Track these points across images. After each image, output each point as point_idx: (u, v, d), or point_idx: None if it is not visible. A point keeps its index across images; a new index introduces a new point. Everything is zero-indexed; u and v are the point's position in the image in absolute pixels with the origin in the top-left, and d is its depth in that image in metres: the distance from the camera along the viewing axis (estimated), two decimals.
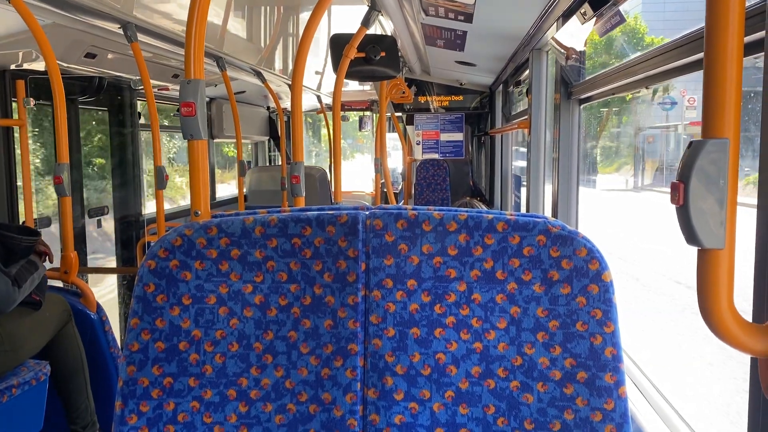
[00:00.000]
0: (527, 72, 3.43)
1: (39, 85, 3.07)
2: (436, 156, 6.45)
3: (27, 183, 2.93)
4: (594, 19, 2.13)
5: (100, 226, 3.92)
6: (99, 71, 3.23)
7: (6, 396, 1.97)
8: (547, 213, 3.03)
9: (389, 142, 7.65)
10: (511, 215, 0.85)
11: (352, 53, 2.29)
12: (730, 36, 0.68)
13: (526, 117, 3.41)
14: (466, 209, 0.87)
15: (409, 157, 6.50)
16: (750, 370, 1.01)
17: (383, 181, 4.57)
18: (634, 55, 1.90)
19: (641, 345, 5.70)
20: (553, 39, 2.70)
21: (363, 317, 0.87)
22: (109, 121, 3.97)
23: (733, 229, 0.71)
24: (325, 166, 6.16)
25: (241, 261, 0.88)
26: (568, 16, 2.38)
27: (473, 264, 0.85)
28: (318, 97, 6.14)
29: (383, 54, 2.56)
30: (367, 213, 0.87)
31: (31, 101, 2.85)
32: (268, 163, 7.13)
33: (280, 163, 6.58)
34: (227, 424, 0.88)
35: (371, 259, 0.86)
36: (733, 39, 0.68)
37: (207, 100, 4.81)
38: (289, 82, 4.64)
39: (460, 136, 6.40)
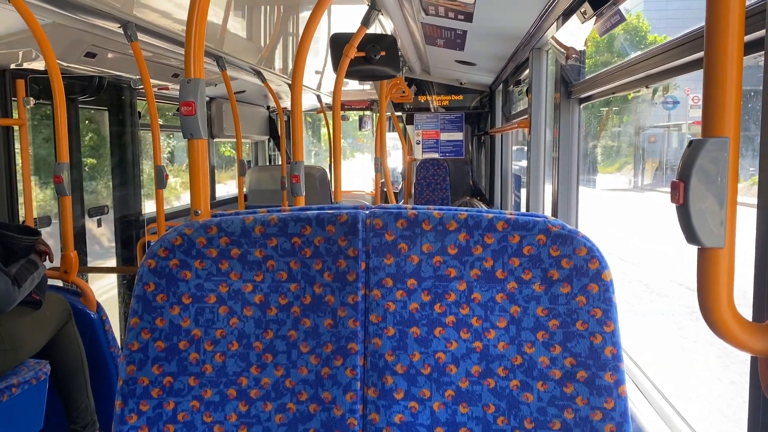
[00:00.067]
0: (527, 71, 3.43)
1: (39, 84, 3.07)
2: (436, 155, 6.44)
3: (27, 182, 2.93)
4: (594, 18, 2.13)
5: (100, 225, 3.92)
6: (99, 71, 3.23)
7: (6, 395, 1.97)
8: (547, 212, 3.03)
9: (389, 141, 7.65)
10: (511, 214, 0.85)
11: (352, 53, 2.29)
12: (730, 35, 0.68)
13: (526, 116, 3.41)
14: (466, 209, 0.87)
15: (409, 156, 6.49)
16: (750, 369, 1.01)
17: (383, 180, 4.57)
18: (634, 54, 1.90)
19: (645, 350, 5.51)
20: (553, 38, 2.69)
21: (363, 316, 0.87)
22: (109, 120, 3.96)
23: (733, 228, 0.71)
24: (324, 166, 6.16)
25: (241, 260, 0.88)
26: (568, 15, 2.38)
27: (473, 263, 0.85)
28: (318, 97, 6.14)
29: (383, 53, 2.56)
30: (367, 212, 0.87)
31: (31, 101, 2.85)
32: (268, 163, 7.13)
33: (280, 162, 6.57)
34: (227, 423, 0.88)
35: (371, 258, 0.86)
36: (733, 38, 0.68)
37: (207, 99, 4.80)
38: (289, 82, 4.64)
39: (460, 136, 6.40)
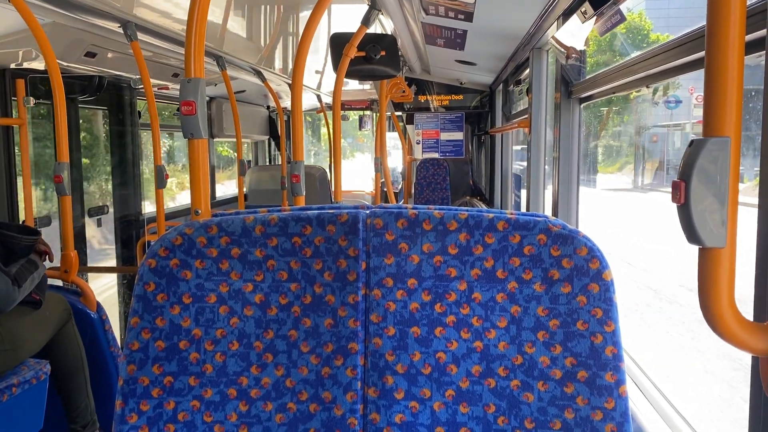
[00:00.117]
0: (527, 71, 3.43)
1: (39, 84, 3.06)
2: (436, 155, 6.44)
3: (27, 182, 2.93)
4: (594, 18, 2.12)
5: (100, 225, 3.92)
6: (99, 70, 3.23)
7: (6, 395, 1.97)
8: (548, 212, 3.03)
9: (389, 141, 7.64)
10: (512, 214, 0.85)
11: (352, 52, 2.28)
12: (731, 34, 0.67)
13: (527, 116, 3.41)
14: (466, 208, 0.87)
15: (409, 156, 6.49)
16: (751, 369, 1.01)
17: (383, 180, 4.56)
18: (634, 53, 1.90)
19: (661, 366, 5.18)
20: (554, 38, 2.69)
21: (363, 316, 0.87)
22: (109, 120, 3.96)
23: (734, 227, 0.70)
24: (324, 166, 6.16)
25: (241, 260, 0.88)
26: (568, 15, 2.38)
27: (474, 263, 0.85)
28: (318, 97, 6.14)
29: (383, 53, 2.55)
30: (367, 212, 0.87)
31: (31, 100, 2.84)
32: (268, 163, 7.13)
33: (280, 162, 6.57)
34: (227, 423, 0.88)
35: (371, 258, 0.86)
36: (734, 37, 0.68)
37: (207, 99, 4.80)
38: (289, 82, 4.64)
39: (460, 136, 6.39)
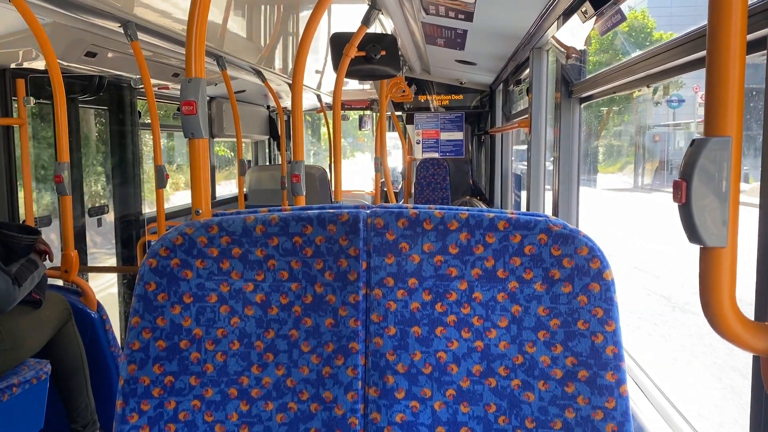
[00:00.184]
0: (527, 71, 3.43)
1: (39, 84, 3.06)
2: (436, 155, 6.44)
3: (27, 182, 2.93)
4: (595, 17, 2.12)
5: (100, 225, 3.92)
6: (99, 70, 3.23)
7: (7, 395, 1.97)
8: (548, 212, 3.02)
9: (389, 141, 7.64)
10: (512, 214, 0.85)
11: (353, 52, 2.28)
12: (732, 34, 0.67)
13: (527, 116, 3.41)
14: (466, 208, 0.87)
15: (409, 156, 6.49)
16: (752, 368, 1.01)
17: (383, 180, 4.56)
18: (635, 53, 1.90)
19: (674, 381, 4.70)
20: (554, 38, 2.69)
21: (364, 316, 0.87)
22: (109, 120, 3.96)
23: (735, 227, 0.70)
24: (324, 166, 6.16)
25: (242, 259, 0.88)
26: (568, 14, 2.38)
27: (474, 263, 0.85)
28: (318, 96, 6.14)
29: (383, 53, 2.55)
30: (368, 212, 0.87)
31: (32, 100, 2.84)
32: (268, 162, 7.13)
33: (280, 162, 6.57)
34: (228, 422, 0.88)
35: (372, 257, 0.86)
36: (736, 37, 0.67)
37: (207, 99, 4.80)
38: (289, 81, 4.64)
39: (460, 135, 6.39)
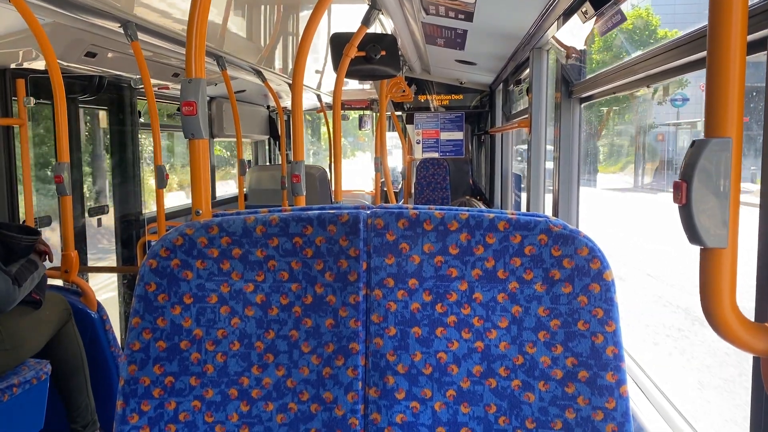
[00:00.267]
0: (527, 71, 3.43)
1: (39, 84, 3.06)
2: (436, 155, 6.44)
3: (27, 182, 2.93)
4: (595, 18, 2.12)
5: (100, 225, 3.92)
6: (99, 70, 3.23)
7: (7, 395, 1.97)
8: (548, 212, 3.03)
9: (390, 140, 7.63)
10: (513, 214, 0.85)
11: (353, 52, 2.28)
12: (732, 34, 0.67)
13: (527, 116, 3.41)
14: (467, 209, 0.87)
15: (408, 156, 6.49)
16: (752, 369, 1.01)
17: (383, 180, 4.56)
18: (636, 53, 1.90)
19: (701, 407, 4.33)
20: (554, 38, 2.69)
21: (364, 316, 0.87)
22: (109, 120, 3.96)
23: (735, 228, 0.70)
24: (324, 166, 6.16)
25: (242, 260, 0.88)
26: (568, 14, 2.37)
27: (474, 263, 0.85)
28: (318, 96, 6.13)
29: (383, 53, 2.55)
30: (368, 212, 0.87)
31: (32, 100, 2.84)
32: (268, 162, 7.13)
33: (280, 162, 6.57)
34: (228, 423, 0.88)
35: (372, 258, 0.86)
36: (736, 37, 0.67)
37: (207, 99, 4.80)
38: (289, 81, 4.64)
39: (460, 135, 6.39)
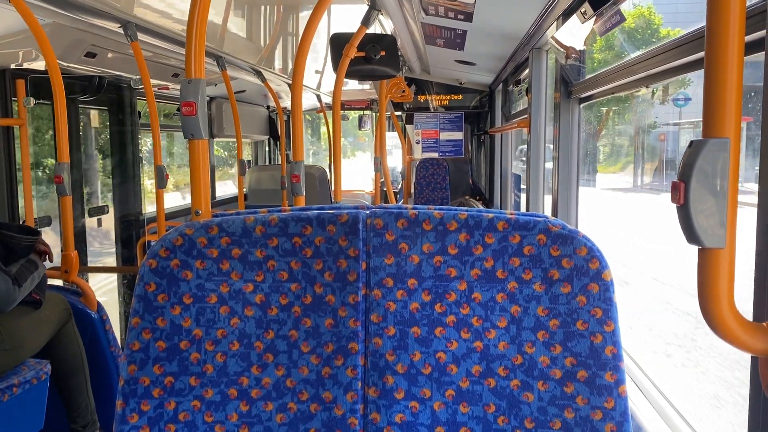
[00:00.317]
0: (527, 71, 3.43)
1: (39, 84, 3.07)
2: (436, 155, 6.44)
3: (27, 182, 2.93)
4: (594, 18, 2.13)
5: (100, 225, 3.92)
6: (99, 70, 3.23)
7: (7, 395, 1.97)
8: (547, 212, 3.03)
9: (390, 140, 7.63)
10: (512, 214, 0.85)
11: (352, 52, 2.29)
12: (730, 35, 0.68)
13: (526, 116, 3.41)
14: (466, 209, 0.87)
15: (408, 156, 6.49)
16: (750, 369, 1.01)
17: (383, 180, 4.56)
18: (635, 53, 1.90)
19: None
20: (553, 38, 2.69)
21: (363, 316, 0.87)
22: (109, 120, 3.97)
23: (733, 228, 0.71)
24: (324, 166, 6.16)
25: (241, 260, 0.88)
26: (568, 15, 2.38)
27: (473, 263, 0.85)
28: (318, 97, 6.14)
29: (383, 53, 2.55)
30: (367, 212, 0.87)
31: (32, 101, 2.84)
32: (268, 162, 7.13)
33: (280, 162, 6.57)
34: (228, 423, 0.88)
35: (372, 258, 0.86)
36: (734, 38, 0.68)
37: (207, 99, 4.80)
38: (289, 82, 4.64)
39: (459, 135, 6.39)
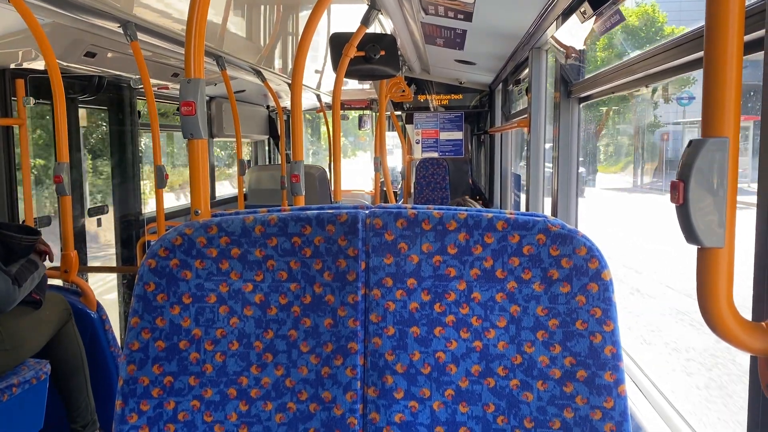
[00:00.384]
0: (527, 70, 3.43)
1: (39, 84, 3.07)
2: (436, 155, 6.44)
3: (27, 182, 2.93)
4: (594, 17, 2.13)
5: (100, 225, 3.92)
6: (99, 70, 3.23)
7: (6, 395, 1.97)
8: (547, 212, 3.03)
9: (391, 140, 7.63)
10: (511, 214, 0.85)
11: (352, 52, 2.29)
12: (729, 35, 0.68)
13: (526, 116, 3.41)
14: (465, 208, 0.87)
15: (408, 155, 6.49)
16: (749, 369, 1.01)
17: (383, 179, 4.57)
18: (635, 53, 1.90)
19: None
20: (553, 38, 2.69)
21: (363, 316, 0.87)
22: (108, 119, 3.97)
23: (732, 227, 0.71)
24: (324, 165, 6.16)
25: (241, 260, 0.88)
26: (567, 14, 2.38)
27: (473, 263, 0.85)
28: (318, 96, 6.14)
29: (383, 53, 2.55)
30: (366, 212, 0.87)
31: (31, 100, 2.85)
32: (268, 162, 7.13)
33: (279, 162, 6.57)
34: (227, 422, 0.88)
35: (371, 257, 0.86)
36: (733, 38, 0.68)
37: (207, 99, 4.80)
38: (288, 81, 4.64)
39: (459, 135, 6.39)
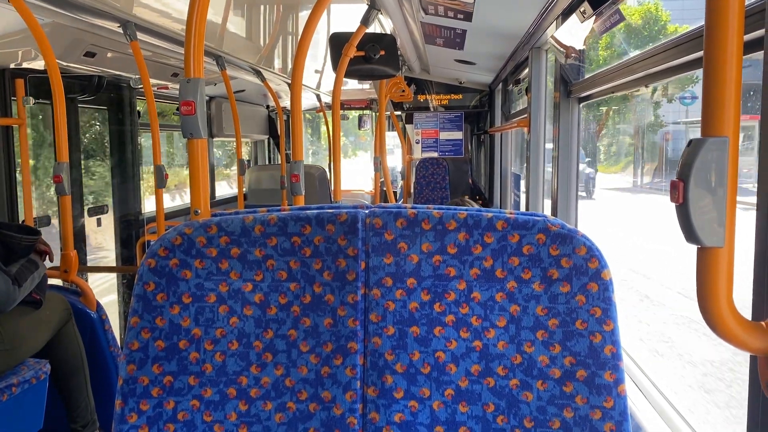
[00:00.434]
0: (527, 70, 3.43)
1: (38, 84, 3.06)
2: (436, 154, 6.44)
3: (27, 182, 2.93)
4: (593, 17, 2.13)
5: (99, 224, 3.92)
6: (98, 70, 3.23)
7: (6, 395, 1.97)
8: (547, 212, 3.03)
9: (391, 140, 7.63)
10: (511, 214, 0.85)
11: (352, 52, 2.29)
12: (729, 34, 0.68)
13: (526, 115, 3.41)
14: (465, 208, 0.87)
15: (408, 155, 6.49)
16: (749, 368, 1.01)
17: (383, 179, 4.57)
18: (634, 52, 1.90)
19: None
20: (553, 37, 2.70)
21: (363, 316, 0.87)
22: (108, 119, 3.97)
23: (732, 227, 0.71)
24: (324, 165, 6.16)
25: (241, 260, 0.88)
26: (567, 14, 2.38)
27: (473, 262, 0.85)
28: (317, 96, 6.14)
29: (383, 53, 2.55)
30: (366, 212, 0.87)
31: (31, 100, 2.84)
32: (268, 162, 7.13)
33: (279, 162, 6.57)
34: (227, 422, 0.88)
35: (371, 257, 0.86)
36: (733, 37, 0.68)
37: (206, 98, 4.79)
38: (288, 81, 4.64)
39: (459, 135, 6.39)
